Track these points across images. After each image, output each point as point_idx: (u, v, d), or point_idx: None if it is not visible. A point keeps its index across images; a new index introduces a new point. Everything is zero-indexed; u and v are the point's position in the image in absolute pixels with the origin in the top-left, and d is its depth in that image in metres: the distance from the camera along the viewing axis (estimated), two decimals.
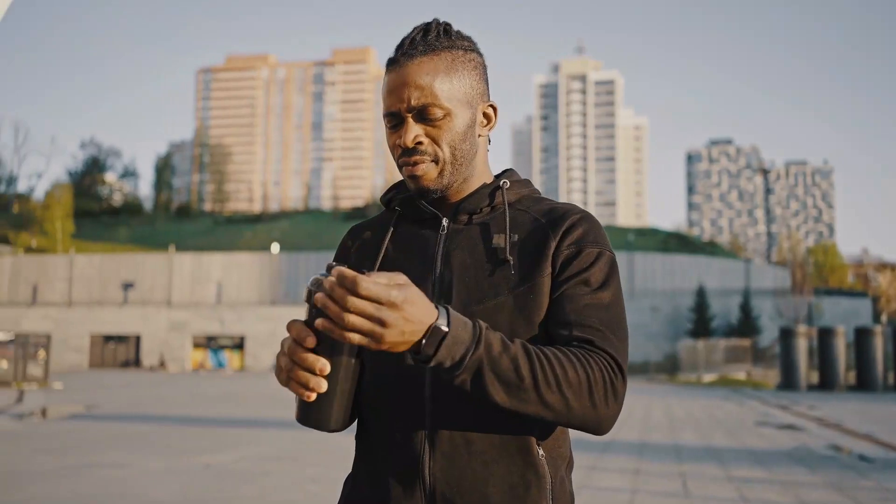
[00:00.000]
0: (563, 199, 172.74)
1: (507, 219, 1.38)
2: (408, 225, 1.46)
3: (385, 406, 1.34)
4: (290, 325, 1.16)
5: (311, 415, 1.23)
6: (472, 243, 1.38)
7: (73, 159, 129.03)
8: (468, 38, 1.43)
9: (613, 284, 1.33)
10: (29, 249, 63.77)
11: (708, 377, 34.58)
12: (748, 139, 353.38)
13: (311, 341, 1.15)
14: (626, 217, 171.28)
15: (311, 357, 1.15)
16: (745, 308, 53.63)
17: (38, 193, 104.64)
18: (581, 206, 1.42)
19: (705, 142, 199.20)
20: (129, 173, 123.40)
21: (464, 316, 1.20)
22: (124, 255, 54.73)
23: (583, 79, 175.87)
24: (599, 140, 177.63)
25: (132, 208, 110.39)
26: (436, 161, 1.37)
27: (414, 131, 1.35)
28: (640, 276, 56.10)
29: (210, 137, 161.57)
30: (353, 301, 1.07)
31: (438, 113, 1.34)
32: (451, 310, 1.16)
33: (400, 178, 1.46)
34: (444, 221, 1.41)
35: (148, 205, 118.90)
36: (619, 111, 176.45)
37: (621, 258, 55.51)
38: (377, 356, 1.31)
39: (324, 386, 1.17)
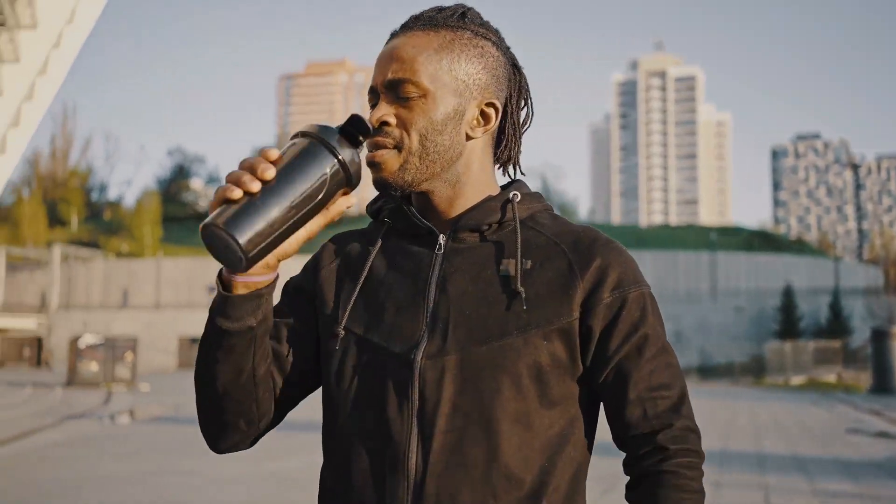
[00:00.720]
0: (643, 197, 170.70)
1: (519, 240, 1.14)
2: (398, 239, 1.22)
3: (359, 468, 1.13)
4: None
5: (220, 215, 0.94)
6: (474, 267, 1.15)
7: (161, 167, 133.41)
8: (489, 28, 1.20)
9: (662, 324, 1.17)
10: (119, 254, 65.99)
11: (796, 380, 33.35)
12: (836, 133, 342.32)
13: (272, 154, 0.98)
14: (708, 215, 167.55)
15: (258, 159, 0.97)
16: (835, 308, 51.61)
17: (129, 200, 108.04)
18: (601, 231, 1.18)
19: (791, 136, 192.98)
20: (213, 179, 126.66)
21: None
22: (209, 258, 56.12)
23: (662, 75, 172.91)
24: (680, 137, 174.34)
25: None
26: (398, 149, 1.13)
27: (382, 110, 1.14)
28: (723, 276, 54.62)
29: None
30: None
31: (412, 91, 1.13)
32: None
33: None
34: (441, 238, 1.17)
35: None
36: (700, 107, 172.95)
37: (703, 258, 54.32)
38: (358, 403, 1.15)
39: (255, 186, 0.95)
